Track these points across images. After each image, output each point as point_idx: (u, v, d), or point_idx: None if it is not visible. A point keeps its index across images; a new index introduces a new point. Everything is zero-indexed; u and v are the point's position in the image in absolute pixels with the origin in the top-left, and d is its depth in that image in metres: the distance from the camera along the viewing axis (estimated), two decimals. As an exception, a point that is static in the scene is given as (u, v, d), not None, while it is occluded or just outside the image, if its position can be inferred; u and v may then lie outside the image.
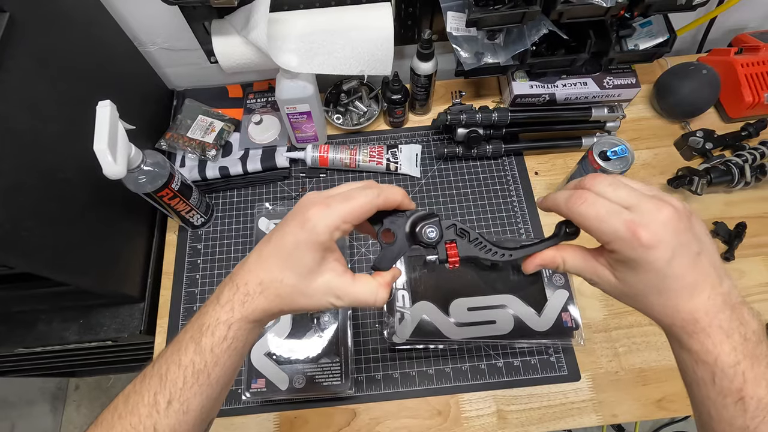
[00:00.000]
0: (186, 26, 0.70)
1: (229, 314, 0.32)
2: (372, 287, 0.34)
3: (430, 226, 0.35)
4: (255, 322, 0.33)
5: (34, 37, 0.52)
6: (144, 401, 0.31)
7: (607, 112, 0.74)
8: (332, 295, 0.33)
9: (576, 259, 0.34)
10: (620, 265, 0.31)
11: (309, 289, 0.33)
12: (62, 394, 1.41)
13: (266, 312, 0.33)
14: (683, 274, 0.29)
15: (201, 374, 0.32)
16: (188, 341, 0.32)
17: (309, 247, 0.32)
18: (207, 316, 0.33)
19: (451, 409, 0.62)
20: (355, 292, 0.33)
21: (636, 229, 0.29)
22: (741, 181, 0.70)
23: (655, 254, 0.29)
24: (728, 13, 0.77)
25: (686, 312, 0.29)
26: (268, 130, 0.78)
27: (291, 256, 0.32)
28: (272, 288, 0.33)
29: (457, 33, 0.68)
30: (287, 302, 0.33)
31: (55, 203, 0.53)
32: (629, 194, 0.31)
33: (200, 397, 0.32)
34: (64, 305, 0.66)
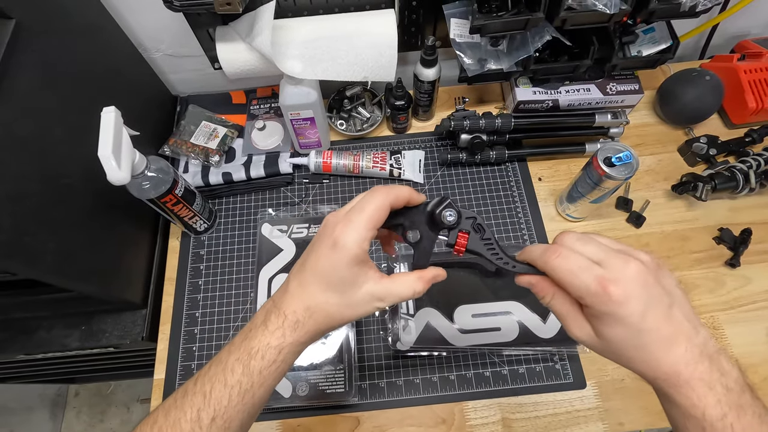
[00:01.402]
0: (190, 33, 0.71)
1: (281, 340, 0.34)
2: (410, 282, 0.35)
3: (446, 210, 0.36)
4: (303, 344, 0.35)
5: (39, 43, 0.52)
6: (186, 417, 0.33)
7: (610, 118, 0.74)
8: (376, 299, 0.35)
9: (564, 303, 0.34)
10: (596, 321, 0.32)
11: (353, 301, 0.34)
12: (62, 400, 1.40)
13: (318, 332, 0.35)
14: (658, 328, 0.30)
15: (247, 394, 0.33)
16: (234, 363, 0.34)
17: (345, 265, 0.33)
18: (255, 341, 0.34)
19: (456, 417, 0.61)
20: (396, 291, 0.35)
21: (606, 285, 0.30)
22: (746, 187, 0.70)
23: (627, 309, 0.30)
24: (731, 19, 0.77)
25: (667, 365, 0.30)
26: (272, 136, 0.78)
27: (331, 278, 0.34)
28: (320, 311, 0.34)
29: (461, 39, 0.68)
30: (337, 319, 0.35)
31: (58, 209, 0.53)
32: (598, 249, 0.32)
33: (242, 415, 0.33)
34: (66, 312, 0.66)
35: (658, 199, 0.75)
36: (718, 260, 0.70)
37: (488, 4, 0.63)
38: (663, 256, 0.70)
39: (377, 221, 0.34)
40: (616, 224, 0.73)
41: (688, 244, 0.71)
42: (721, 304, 0.67)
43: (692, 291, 0.68)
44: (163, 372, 0.64)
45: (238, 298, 0.69)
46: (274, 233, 0.71)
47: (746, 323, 0.65)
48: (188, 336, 0.66)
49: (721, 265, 0.69)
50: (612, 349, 0.32)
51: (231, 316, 0.68)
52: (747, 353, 0.63)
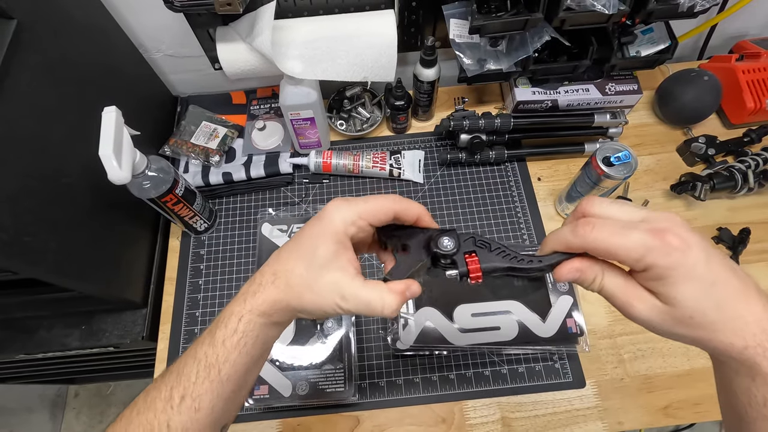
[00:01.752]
0: (191, 33, 0.71)
1: (241, 305, 0.32)
2: (380, 292, 0.31)
3: (445, 236, 0.33)
4: (264, 316, 0.32)
5: (41, 44, 0.52)
6: (161, 396, 0.31)
7: (609, 118, 0.74)
8: (338, 294, 0.31)
9: (617, 279, 0.29)
10: (662, 284, 0.27)
11: (316, 283, 0.32)
12: (61, 401, 1.40)
13: (275, 304, 0.32)
14: (727, 278, 0.26)
15: (212, 369, 0.31)
16: (206, 335, 0.33)
17: (322, 238, 0.32)
18: (225, 310, 0.33)
19: (456, 417, 0.61)
20: (362, 295, 0.31)
21: (663, 235, 0.26)
22: (744, 187, 0.70)
23: (693, 256, 0.26)
24: (729, 20, 0.78)
25: (755, 326, 0.25)
26: (272, 136, 0.78)
27: (304, 246, 0.32)
28: (283, 277, 0.32)
29: (460, 40, 0.69)
30: (295, 294, 0.32)
31: (59, 208, 0.53)
32: (631, 209, 0.29)
33: (210, 395, 0.31)
34: (66, 311, 0.66)
35: (657, 198, 0.75)
36: (717, 260, 0.70)
37: (487, 4, 0.64)
38: (662, 256, 0.70)
39: (374, 216, 0.33)
40: (615, 224, 0.73)
41: (686, 243, 0.71)
42: (720, 304, 0.67)
43: (691, 290, 0.68)
44: (164, 371, 0.65)
45: (238, 297, 0.69)
46: (274, 233, 0.72)
47: (745, 322, 0.65)
48: (188, 336, 0.67)
49: (720, 265, 0.69)
50: (689, 314, 0.27)
51: (231, 315, 0.68)
52: (746, 352, 0.63)
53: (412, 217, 0.34)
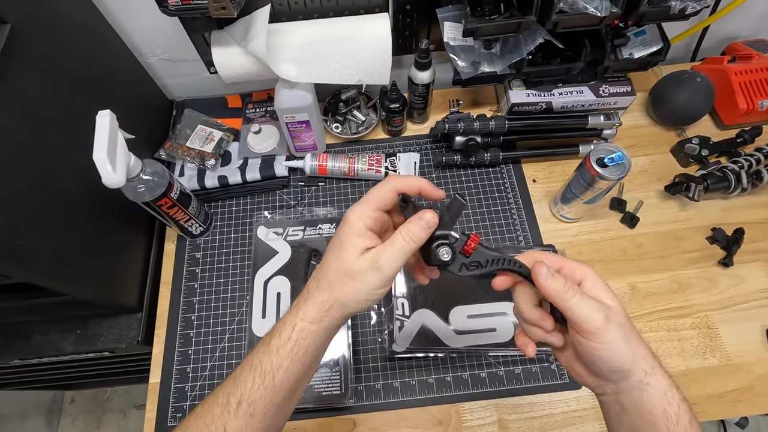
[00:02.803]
0: (186, 37, 0.71)
1: (294, 315, 0.35)
2: (401, 235, 0.34)
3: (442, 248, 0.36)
4: (316, 322, 0.35)
5: (35, 48, 0.52)
6: (218, 401, 0.34)
7: (603, 119, 0.74)
8: (375, 267, 0.34)
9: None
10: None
11: (353, 269, 0.34)
12: (57, 407, 1.39)
13: (323, 304, 0.35)
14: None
15: (267, 375, 0.34)
16: (262, 344, 0.35)
17: (347, 237, 0.35)
18: (281, 320, 0.36)
19: (452, 419, 0.61)
20: (392, 250, 0.34)
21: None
22: (738, 188, 0.71)
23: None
24: (721, 22, 0.79)
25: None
26: (267, 139, 0.78)
27: (335, 250, 0.36)
28: (324, 278, 0.35)
29: (454, 42, 0.69)
30: (338, 289, 0.35)
31: (53, 212, 0.53)
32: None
33: (264, 401, 0.33)
34: (60, 316, 0.66)
35: (651, 199, 0.75)
36: (712, 260, 0.70)
37: (481, 7, 0.64)
38: (657, 256, 0.71)
39: (380, 201, 0.36)
40: (610, 225, 0.74)
41: (681, 244, 0.72)
42: (715, 304, 0.67)
43: (686, 290, 0.68)
44: (159, 376, 0.64)
45: (234, 301, 0.69)
46: (270, 236, 0.71)
47: (740, 322, 0.66)
48: (184, 339, 0.66)
49: (715, 265, 0.70)
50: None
51: (227, 319, 0.68)
52: (741, 352, 0.64)
53: (414, 188, 0.37)
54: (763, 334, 0.65)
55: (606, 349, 0.33)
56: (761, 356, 0.64)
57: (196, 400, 0.63)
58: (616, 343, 0.33)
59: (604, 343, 0.33)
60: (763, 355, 0.64)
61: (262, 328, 0.65)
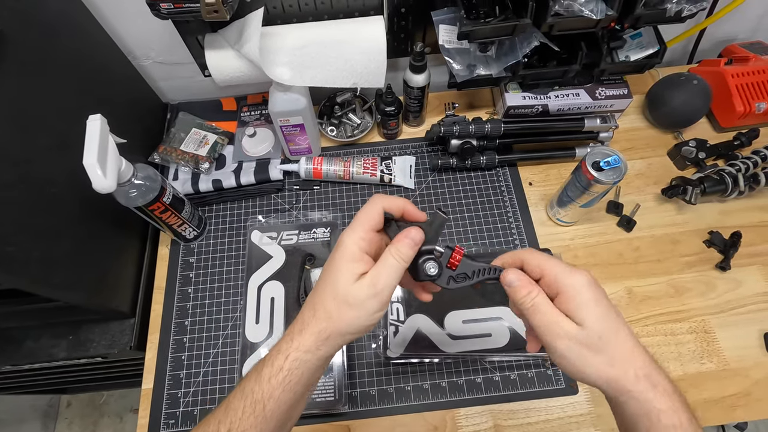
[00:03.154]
0: (180, 40, 0.71)
1: (288, 344, 0.34)
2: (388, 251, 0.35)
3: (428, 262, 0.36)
4: (310, 351, 0.34)
5: (24, 52, 0.52)
6: (209, 429, 0.33)
7: (599, 122, 0.74)
8: (368, 286, 0.34)
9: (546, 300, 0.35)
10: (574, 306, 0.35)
11: (350, 295, 0.34)
12: (53, 411, 1.39)
13: (320, 334, 0.34)
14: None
15: (257, 405, 0.33)
16: (252, 372, 0.35)
17: (342, 261, 0.35)
18: (274, 348, 0.35)
19: (448, 425, 0.61)
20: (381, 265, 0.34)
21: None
22: (735, 191, 0.70)
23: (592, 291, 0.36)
24: (717, 24, 0.78)
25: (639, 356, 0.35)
26: (262, 142, 0.78)
27: (330, 277, 0.35)
28: (321, 308, 0.35)
29: (450, 45, 0.69)
30: (336, 318, 0.34)
31: (43, 217, 0.53)
32: None
33: (254, 430, 0.33)
34: (52, 321, 0.65)
35: (648, 203, 0.75)
36: (709, 263, 0.70)
37: (476, 10, 0.64)
38: (654, 260, 0.70)
39: (370, 222, 0.36)
40: (607, 228, 0.73)
41: (678, 247, 0.71)
42: (712, 308, 0.66)
43: (683, 294, 0.68)
44: (152, 382, 0.64)
45: (228, 306, 0.68)
46: (264, 240, 0.71)
47: (737, 326, 0.65)
48: (177, 345, 0.66)
49: (712, 269, 0.69)
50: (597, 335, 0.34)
51: (220, 324, 0.67)
52: (738, 357, 0.63)
53: (398, 208, 0.38)
54: (760, 339, 0.64)
55: (562, 365, 0.34)
56: (759, 361, 0.63)
57: (189, 406, 0.62)
58: (571, 360, 0.33)
59: (558, 358, 0.34)
60: (760, 360, 0.63)
61: (255, 334, 0.65)
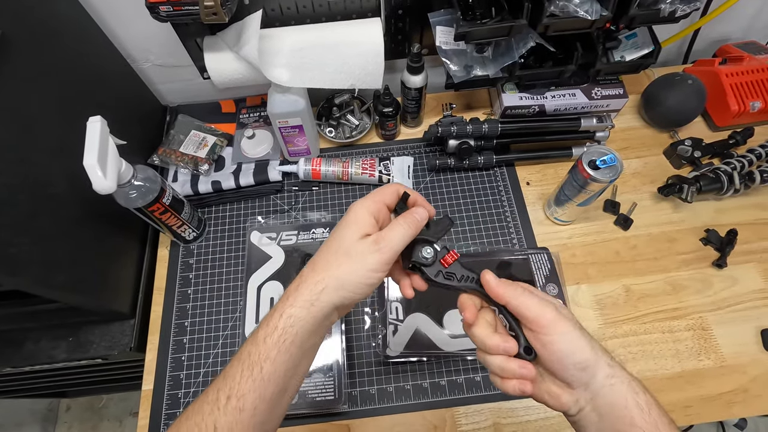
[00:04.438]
0: (179, 43, 0.71)
1: (284, 302, 0.35)
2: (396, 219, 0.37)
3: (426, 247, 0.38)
4: (305, 307, 0.34)
5: (25, 54, 0.52)
6: (208, 398, 0.33)
7: (596, 122, 0.75)
8: (374, 249, 0.35)
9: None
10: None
11: (351, 248, 0.35)
12: (53, 415, 1.38)
13: (316, 285, 0.34)
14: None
15: (255, 366, 0.33)
16: (251, 336, 0.35)
17: (349, 223, 0.36)
18: (270, 311, 0.35)
19: (447, 423, 0.61)
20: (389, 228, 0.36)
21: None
22: (730, 189, 0.71)
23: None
24: (712, 25, 0.79)
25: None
26: (261, 144, 0.78)
27: (336, 235, 0.37)
28: (321, 262, 0.36)
29: (446, 47, 0.69)
30: (334, 267, 0.35)
31: (44, 219, 0.53)
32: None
33: (253, 395, 0.32)
34: (52, 323, 0.65)
35: (645, 201, 0.75)
36: (705, 261, 0.70)
37: (472, 11, 0.64)
38: (651, 258, 0.71)
39: (383, 198, 0.38)
40: (604, 227, 0.74)
41: (675, 245, 0.72)
42: (709, 305, 0.67)
43: (680, 292, 0.68)
44: (152, 383, 0.64)
45: (228, 306, 0.68)
46: (263, 241, 0.71)
47: (734, 323, 0.65)
48: (177, 346, 0.66)
49: (708, 266, 0.70)
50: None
51: (220, 324, 0.67)
52: (735, 353, 0.64)
53: (413, 196, 0.40)
54: (757, 335, 0.65)
55: (565, 341, 0.34)
56: (756, 357, 0.63)
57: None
58: (573, 332, 0.34)
59: (560, 334, 0.34)
60: (757, 357, 0.64)
61: (255, 334, 0.65)
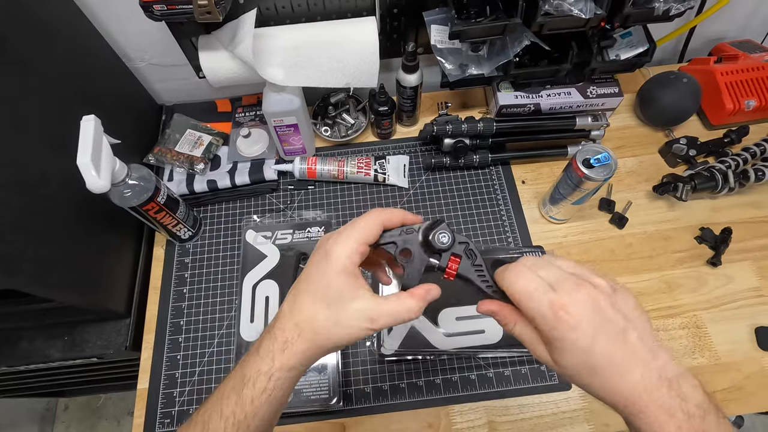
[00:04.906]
0: (174, 42, 0.71)
1: (270, 364, 0.33)
2: (403, 299, 0.34)
3: (441, 232, 0.35)
4: (294, 369, 0.34)
5: (18, 53, 0.52)
6: None
7: (591, 121, 0.75)
8: (366, 319, 0.33)
9: (526, 330, 0.34)
10: (550, 347, 0.31)
11: (342, 317, 0.33)
12: (51, 415, 1.38)
13: (305, 354, 0.34)
14: (610, 353, 0.29)
15: (241, 425, 0.33)
16: (230, 391, 0.34)
17: (334, 274, 0.33)
18: (248, 367, 0.34)
19: (442, 422, 0.61)
20: (388, 310, 0.33)
21: (557, 309, 0.29)
22: (725, 187, 0.71)
23: (576, 334, 0.29)
24: (707, 23, 0.79)
25: (624, 392, 0.29)
26: (257, 143, 0.78)
27: (319, 289, 0.34)
28: (308, 328, 0.33)
29: (442, 45, 0.69)
30: (324, 338, 0.33)
31: (38, 218, 0.53)
32: (554, 272, 0.32)
33: None
34: (47, 322, 0.65)
35: (640, 200, 0.75)
36: (700, 259, 0.70)
37: (467, 10, 0.65)
38: (646, 257, 0.71)
39: (367, 236, 0.34)
40: (599, 225, 0.74)
41: (670, 243, 0.72)
42: (704, 303, 0.67)
43: (675, 290, 0.68)
44: (147, 381, 0.64)
45: (223, 305, 0.69)
46: (259, 239, 0.71)
47: (728, 321, 0.66)
48: (172, 344, 0.66)
49: (703, 264, 0.70)
50: (569, 374, 0.31)
51: (216, 323, 0.67)
52: (730, 351, 0.64)
53: (397, 222, 0.36)
54: (751, 333, 0.65)
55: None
56: (750, 355, 0.64)
57: (184, 405, 0.62)
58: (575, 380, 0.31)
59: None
60: (752, 354, 0.64)
61: (250, 332, 0.65)
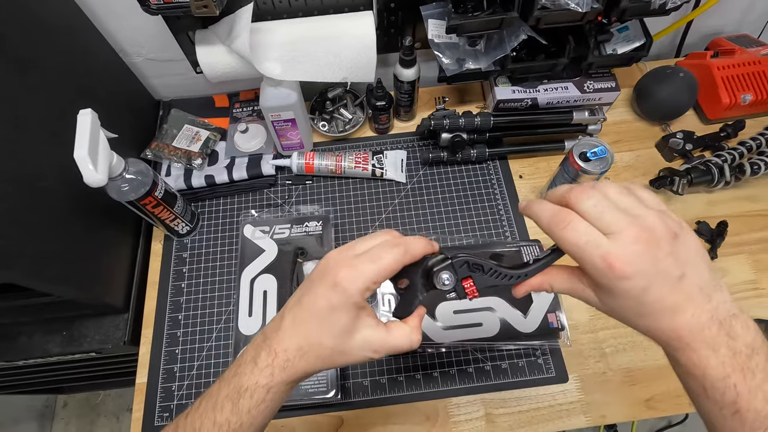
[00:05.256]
0: (171, 37, 0.71)
1: (269, 379, 0.33)
2: (406, 333, 0.35)
3: (444, 272, 0.35)
4: (294, 382, 0.35)
5: (14, 47, 0.52)
6: None
7: (588, 115, 0.75)
8: (370, 350, 0.34)
9: (563, 282, 0.35)
10: (600, 291, 0.32)
11: (347, 347, 0.34)
12: (50, 411, 1.38)
13: (306, 373, 0.35)
14: (662, 299, 0.29)
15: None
16: (224, 400, 0.34)
17: (343, 310, 0.33)
18: (245, 378, 0.34)
19: (440, 414, 0.61)
20: (392, 342, 0.35)
21: (612, 262, 0.29)
22: (721, 181, 0.71)
23: (628, 284, 0.29)
24: (704, 18, 0.79)
25: (670, 330, 0.30)
26: (254, 138, 0.78)
27: (327, 320, 0.33)
28: (312, 352, 0.34)
29: (439, 40, 0.69)
30: (327, 363, 0.34)
31: (35, 212, 0.53)
32: (612, 218, 0.30)
33: None
34: (46, 317, 0.65)
35: (636, 194, 0.75)
36: (696, 253, 0.71)
37: (464, 4, 0.64)
38: (642, 250, 0.71)
39: (385, 277, 0.34)
40: (596, 219, 0.74)
41: (666, 237, 0.72)
42: (700, 296, 0.67)
43: (671, 284, 0.68)
44: (146, 376, 0.64)
45: (221, 300, 0.69)
46: (257, 234, 0.71)
47: (724, 314, 0.66)
48: (171, 339, 0.66)
49: (699, 258, 0.70)
50: (615, 314, 0.32)
51: (214, 318, 0.68)
52: (725, 344, 0.64)
53: (420, 255, 0.35)
54: (747, 326, 0.65)
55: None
56: (745, 347, 0.64)
57: (183, 399, 0.63)
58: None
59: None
60: (747, 347, 0.64)
61: (248, 327, 0.65)
